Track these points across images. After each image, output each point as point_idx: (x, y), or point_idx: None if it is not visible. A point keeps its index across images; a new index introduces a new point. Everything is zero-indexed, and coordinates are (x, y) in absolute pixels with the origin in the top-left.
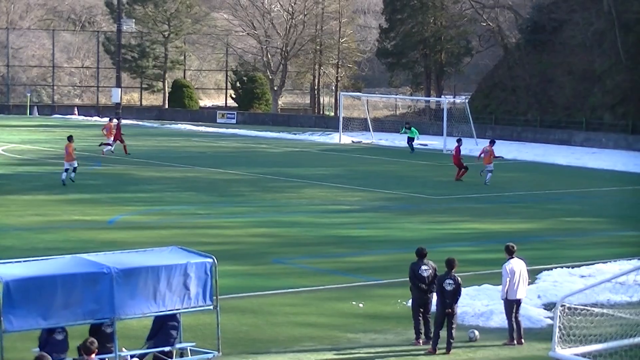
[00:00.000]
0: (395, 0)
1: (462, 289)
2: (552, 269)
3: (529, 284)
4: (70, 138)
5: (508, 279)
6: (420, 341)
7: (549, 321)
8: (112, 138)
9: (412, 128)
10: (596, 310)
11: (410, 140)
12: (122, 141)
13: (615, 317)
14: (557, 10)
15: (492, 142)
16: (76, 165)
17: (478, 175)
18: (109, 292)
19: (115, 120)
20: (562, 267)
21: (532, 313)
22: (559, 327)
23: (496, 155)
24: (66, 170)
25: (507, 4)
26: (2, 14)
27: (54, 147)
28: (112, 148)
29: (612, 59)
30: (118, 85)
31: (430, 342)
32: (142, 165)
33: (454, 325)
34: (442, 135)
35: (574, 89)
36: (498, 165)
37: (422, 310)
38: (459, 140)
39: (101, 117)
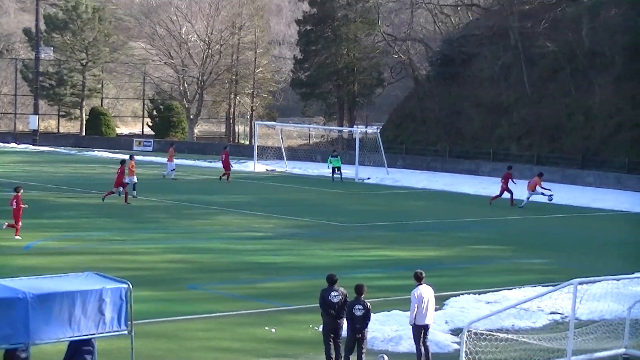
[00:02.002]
0: (309, 32)
1: (372, 314)
2: (459, 296)
3: (436, 310)
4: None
5: (416, 305)
6: None
7: (456, 346)
8: (134, 177)
9: (335, 160)
10: (501, 335)
11: (335, 170)
12: (124, 186)
13: (519, 342)
14: (466, 44)
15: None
16: None
17: (389, 203)
18: (24, 317)
19: (135, 157)
20: (468, 294)
21: (439, 338)
22: (465, 352)
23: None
24: None
25: (418, 37)
26: None
27: None
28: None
29: (518, 92)
30: (35, 112)
31: None
32: (59, 192)
33: (364, 350)
34: (355, 164)
35: (482, 121)
36: (408, 194)
37: (332, 335)
38: (509, 167)
39: (18, 144)
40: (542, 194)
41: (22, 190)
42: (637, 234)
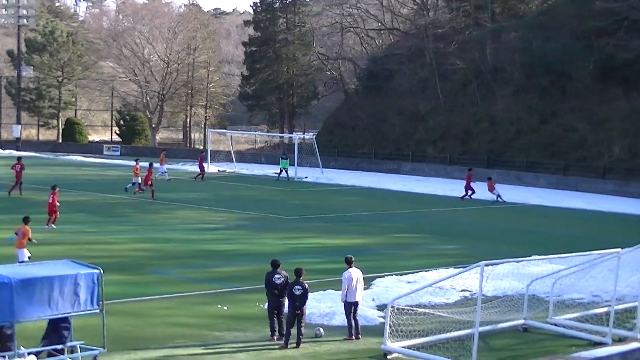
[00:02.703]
0: (254, 52)
1: (309, 293)
2: (383, 277)
3: (364, 289)
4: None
5: (347, 285)
6: (275, 337)
7: (382, 320)
8: (138, 178)
9: (285, 162)
10: (419, 310)
11: (283, 169)
12: (151, 185)
13: (435, 315)
14: (388, 62)
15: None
16: None
17: (324, 198)
18: (9, 299)
19: (150, 165)
20: (391, 275)
21: (367, 313)
22: (389, 324)
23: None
24: None
25: (348, 56)
26: None
27: None
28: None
29: (433, 102)
30: (18, 122)
31: (283, 339)
32: (39, 191)
33: (303, 324)
34: (294, 165)
35: (403, 127)
36: (339, 190)
37: (276, 312)
38: (470, 169)
39: (3, 149)
40: (472, 191)
41: (57, 189)
42: (533, 224)
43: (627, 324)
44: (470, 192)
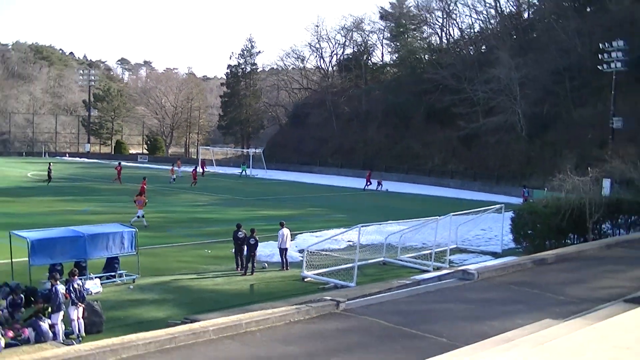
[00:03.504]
0: (226, 101)
1: (259, 243)
2: (302, 233)
3: (291, 241)
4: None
5: (280, 238)
6: (238, 269)
7: (301, 258)
8: (174, 175)
9: (244, 166)
10: (323, 252)
11: (243, 171)
12: (195, 178)
13: (332, 256)
14: (305, 107)
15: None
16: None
17: (267, 187)
18: (83, 245)
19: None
20: (307, 232)
21: (293, 254)
22: (305, 261)
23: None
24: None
25: (281, 103)
26: (28, 104)
27: (59, 173)
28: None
29: (330, 132)
30: (88, 142)
31: (243, 270)
32: (99, 182)
33: (255, 261)
34: (250, 168)
35: (313, 146)
36: (276, 183)
37: (239, 254)
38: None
39: (80, 158)
40: (371, 183)
41: (146, 179)
42: (389, 203)
43: (441, 259)
44: (368, 184)
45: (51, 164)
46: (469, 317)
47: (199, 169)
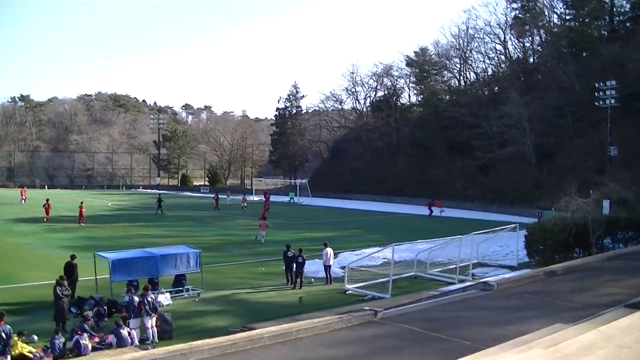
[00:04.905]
0: (275, 139)
1: (306, 261)
2: (343, 252)
3: (334, 258)
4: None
5: (325, 256)
6: (288, 284)
7: (343, 273)
8: (245, 203)
9: (291, 193)
10: (361, 268)
11: (291, 199)
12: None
13: (370, 272)
14: (343, 143)
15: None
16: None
17: (312, 212)
18: (155, 265)
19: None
20: (348, 251)
21: (336, 270)
22: (347, 276)
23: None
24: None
25: (322, 140)
26: (108, 144)
27: (134, 203)
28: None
29: (365, 163)
30: (158, 175)
31: (292, 284)
32: (170, 210)
33: (303, 277)
34: (297, 196)
35: (351, 177)
36: (321, 208)
37: (288, 271)
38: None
39: (152, 189)
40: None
41: (268, 197)
42: (413, 224)
43: (465, 273)
44: (430, 212)
45: (160, 195)
46: (490, 322)
47: (252, 197)
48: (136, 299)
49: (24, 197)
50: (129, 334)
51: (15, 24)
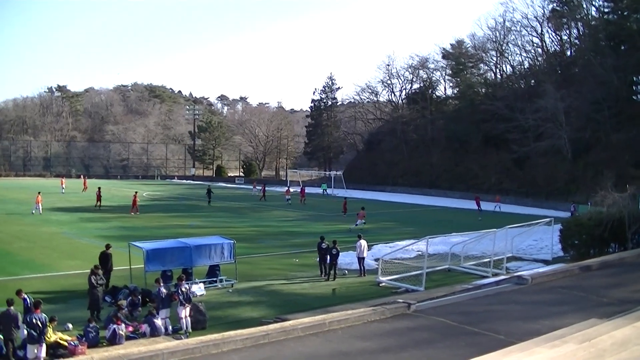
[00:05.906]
0: (311, 131)
1: (340, 253)
2: (377, 244)
3: (368, 250)
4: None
5: (359, 249)
6: (322, 275)
7: (376, 265)
8: (289, 196)
9: (324, 185)
10: (395, 261)
11: (324, 190)
12: (303, 195)
13: (404, 264)
14: (378, 135)
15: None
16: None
17: (347, 204)
18: (190, 255)
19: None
20: (382, 243)
21: (370, 262)
22: (380, 268)
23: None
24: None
25: (358, 132)
26: (143, 135)
27: (169, 193)
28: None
29: (400, 156)
30: (193, 166)
31: (326, 276)
32: (203, 201)
33: (336, 269)
34: (331, 187)
35: (385, 169)
36: (353, 200)
37: (322, 262)
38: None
39: (187, 180)
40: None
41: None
42: (448, 217)
43: (499, 267)
44: (479, 208)
45: (210, 186)
46: (524, 317)
47: (290, 190)
48: (164, 290)
49: (63, 187)
50: (164, 323)
51: (54, 15)
